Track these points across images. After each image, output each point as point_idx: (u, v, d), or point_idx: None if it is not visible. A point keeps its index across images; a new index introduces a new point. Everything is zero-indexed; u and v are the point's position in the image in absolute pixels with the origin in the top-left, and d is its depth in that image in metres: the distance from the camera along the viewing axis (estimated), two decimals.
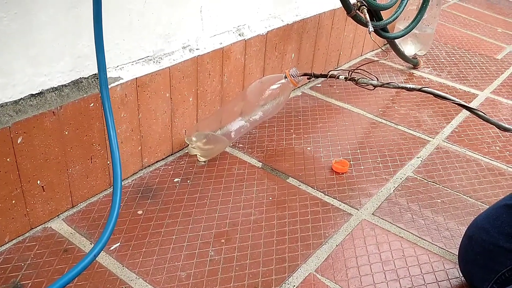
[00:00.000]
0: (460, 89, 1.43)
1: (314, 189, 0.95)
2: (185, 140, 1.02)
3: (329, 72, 0.99)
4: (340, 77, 0.98)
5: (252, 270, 0.76)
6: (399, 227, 0.88)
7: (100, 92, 0.74)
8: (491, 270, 0.71)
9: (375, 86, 0.93)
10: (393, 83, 0.89)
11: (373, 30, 1.09)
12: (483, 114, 0.79)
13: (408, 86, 0.88)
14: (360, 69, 0.99)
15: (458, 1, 2.35)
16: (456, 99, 0.84)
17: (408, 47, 1.58)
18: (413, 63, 1.52)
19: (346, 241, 0.84)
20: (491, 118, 0.81)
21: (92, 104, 0.80)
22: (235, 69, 1.08)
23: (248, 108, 1.00)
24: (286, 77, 0.99)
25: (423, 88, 0.85)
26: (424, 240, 0.86)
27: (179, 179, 0.95)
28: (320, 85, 1.37)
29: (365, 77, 0.94)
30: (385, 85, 0.90)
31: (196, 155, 1.01)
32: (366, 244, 0.84)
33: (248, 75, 1.13)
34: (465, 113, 1.28)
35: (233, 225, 0.85)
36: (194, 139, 1.00)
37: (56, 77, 0.75)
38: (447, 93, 1.38)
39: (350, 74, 0.98)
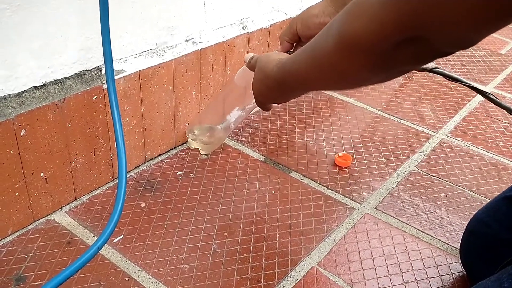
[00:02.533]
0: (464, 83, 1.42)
1: (317, 183, 0.95)
2: (186, 133, 1.02)
3: None
4: None
5: (254, 263, 0.77)
6: (402, 221, 0.88)
7: (107, 85, 0.74)
8: (493, 263, 0.71)
9: None
10: None
11: None
12: (494, 97, 0.78)
13: None
14: None
15: None
16: (467, 81, 0.83)
17: None
18: None
19: (348, 235, 0.84)
20: (502, 102, 0.80)
21: (95, 97, 0.80)
22: (238, 62, 1.08)
23: (241, 97, 0.99)
24: None
25: (434, 69, 0.83)
26: (427, 234, 0.86)
27: (182, 172, 0.95)
28: None
29: None
30: None
31: (197, 148, 1.01)
32: (368, 238, 0.84)
33: None
34: (468, 107, 1.28)
35: (236, 219, 0.85)
36: (196, 132, 1.00)
37: (59, 70, 0.75)
38: (451, 88, 1.37)
39: None
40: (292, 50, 0.77)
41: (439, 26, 0.37)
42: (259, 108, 1.02)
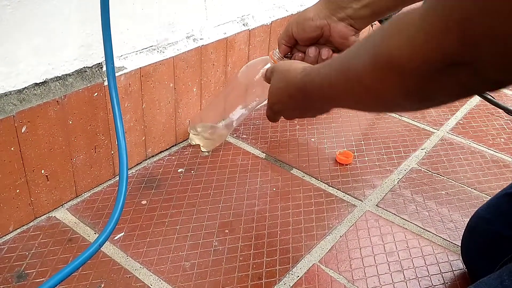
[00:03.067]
0: None
1: (318, 180, 0.95)
2: (188, 130, 1.02)
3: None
4: None
5: (256, 260, 0.77)
6: (403, 219, 0.88)
7: (108, 82, 0.74)
8: (494, 260, 0.71)
9: None
10: None
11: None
12: (491, 98, 0.78)
13: None
14: None
15: None
16: None
17: None
18: None
19: (350, 232, 0.84)
20: (499, 102, 0.80)
21: (96, 94, 0.80)
22: (239, 59, 1.08)
23: (244, 94, 0.99)
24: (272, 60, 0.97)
25: None
26: (428, 231, 0.86)
27: (183, 170, 0.95)
28: None
29: None
30: None
31: (198, 144, 1.01)
32: (370, 235, 0.84)
33: None
34: (470, 104, 1.28)
35: (237, 216, 0.85)
36: (199, 129, 1.00)
37: (60, 66, 0.75)
38: None
39: None
40: (290, 53, 0.76)
41: (496, 44, 0.31)
42: (260, 105, 1.02)
